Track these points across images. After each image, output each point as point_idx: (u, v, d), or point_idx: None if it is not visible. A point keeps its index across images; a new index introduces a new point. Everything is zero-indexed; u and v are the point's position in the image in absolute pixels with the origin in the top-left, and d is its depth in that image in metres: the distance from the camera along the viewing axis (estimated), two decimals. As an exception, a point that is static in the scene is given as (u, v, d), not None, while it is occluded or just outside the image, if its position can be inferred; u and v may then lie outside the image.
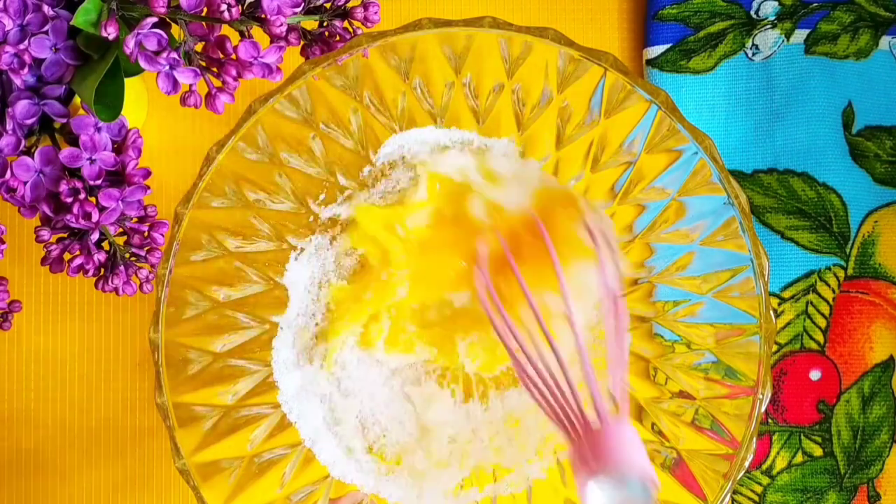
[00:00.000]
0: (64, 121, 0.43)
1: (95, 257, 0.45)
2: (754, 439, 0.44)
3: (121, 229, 0.45)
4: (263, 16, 0.41)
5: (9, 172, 0.42)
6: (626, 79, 0.44)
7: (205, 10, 0.40)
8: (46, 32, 0.42)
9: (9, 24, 0.41)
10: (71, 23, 0.41)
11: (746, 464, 0.44)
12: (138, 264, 0.46)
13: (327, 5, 0.45)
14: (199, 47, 0.42)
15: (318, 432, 0.50)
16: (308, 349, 0.51)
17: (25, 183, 0.43)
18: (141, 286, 0.47)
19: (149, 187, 0.44)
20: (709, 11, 0.56)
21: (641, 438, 0.41)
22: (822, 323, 0.55)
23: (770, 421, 0.55)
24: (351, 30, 0.45)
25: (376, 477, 0.51)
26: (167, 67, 0.40)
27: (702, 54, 0.56)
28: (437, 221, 0.51)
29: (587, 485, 0.39)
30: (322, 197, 0.51)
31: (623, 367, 0.43)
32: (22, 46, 0.41)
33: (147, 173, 0.44)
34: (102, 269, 0.46)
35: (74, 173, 0.43)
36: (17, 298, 0.49)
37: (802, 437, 0.55)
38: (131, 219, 0.45)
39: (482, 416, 0.52)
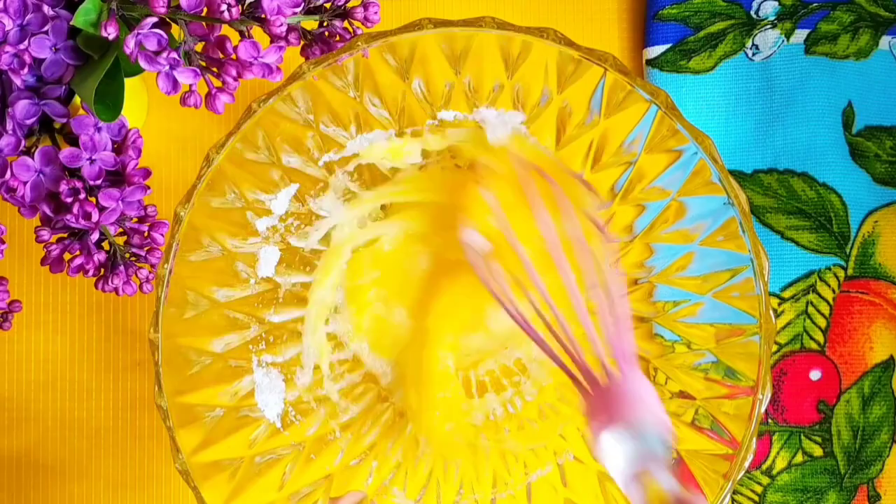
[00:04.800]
0: (64, 121, 0.43)
1: (95, 257, 0.45)
2: (754, 439, 0.44)
3: (121, 229, 0.45)
4: (263, 16, 0.41)
5: (9, 172, 0.42)
6: (626, 79, 0.44)
7: (205, 10, 0.40)
8: (46, 32, 0.42)
9: (9, 24, 0.41)
10: (71, 23, 0.41)
11: (746, 464, 0.44)
12: (138, 264, 0.46)
13: (327, 5, 0.45)
14: (199, 47, 0.42)
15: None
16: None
17: (25, 183, 0.43)
18: (141, 286, 0.47)
19: (149, 187, 0.44)
20: (709, 11, 0.56)
21: (656, 393, 0.41)
22: (822, 323, 0.55)
23: (770, 421, 0.55)
24: (351, 30, 0.45)
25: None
26: (167, 67, 0.40)
27: (702, 54, 0.56)
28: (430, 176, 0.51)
29: (600, 436, 0.39)
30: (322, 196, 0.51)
31: (627, 325, 0.43)
32: (22, 46, 0.41)
33: (147, 173, 0.44)
34: (102, 269, 0.46)
35: (74, 173, 0.43)
36: (17, 298, 0.49)
37: (802, 437, 0.55)
38: (131, 219, 0.45)
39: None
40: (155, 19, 0.40)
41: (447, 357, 0.52)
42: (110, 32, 0.40)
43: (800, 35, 0.56)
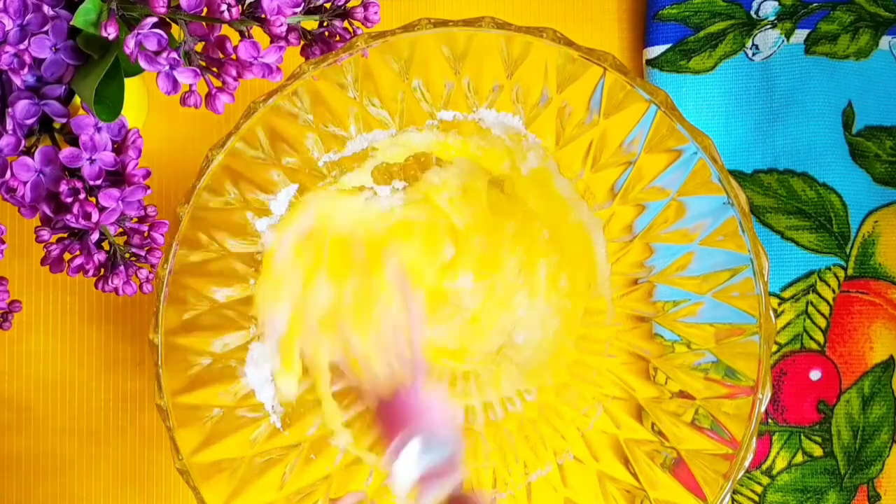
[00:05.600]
0: (64, 121, 0.43)
1: (95, 257, 0.45)
2: (754, 439, 0.44)
3: (121, 229, 0.45)
4: (263, 16, 0.41)
5: (9, 172, 0.42)
6: (626, 79, 0.44)
7: (205, 10, 0.40)
8: (46, 32, 0.42)
9: (9, 24, 0.41)
10: (71, 23, 0.41)
11: (746, 464, 0.44)
12: (138, 264, 0.46)
13: (327, 5, 0.45)
14: (199, 47, 0.42)
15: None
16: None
17: (25, 183, 0.43)
18: (141, 286, 0.47)
19: (149, 187, 0.44)
20: (709, 11, 0.56)
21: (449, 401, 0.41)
22: (822, 323, 0.55)
23: (770, 421, 0.55)
24: (351, 30, 0.45)
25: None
26: (167, 67, 0.40)
27: (702, 54, 0.56)
28: None
29: (395, 453, 0.40)
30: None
31: (418, 331, 0.43)
32: (22, 46, 0.41)
33: (147, 173, 0.44)
34: (102, 269, 0.46)
35: (74, 173, 0.43)
36: (17, 298, 0.49)
37: (802, 437, 0.55)
38: (131, 219, 0.45)
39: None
40: (155, 19, 0.40)
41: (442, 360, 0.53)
42: (110, 32, 0.40)
43: (800, 35, 0.56)
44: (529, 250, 0.52)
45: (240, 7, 0.41)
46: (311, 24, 0.44)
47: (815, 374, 0.55)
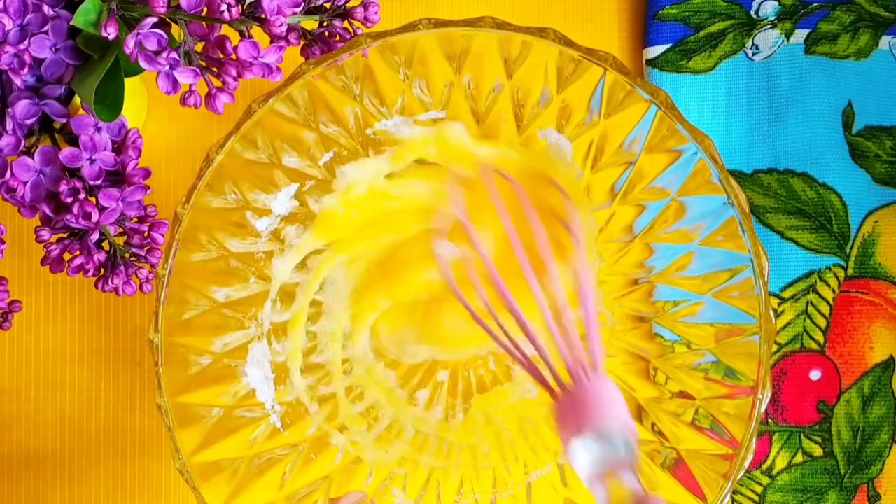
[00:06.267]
0: (64, 121, 0.43)
1: (95, 257, 0.45)
2: (754, 439, 0.44)
3: (121, 229, 0.46)
4: (263, 16, 0.41)
5: (9, 172, 0.42)
6: (626, 79, 0.44)
7: (205, 10, 0.40)
8: (46, 32, 0.42)
9: (9, 24, 0.41)
10: (71, 23, 0.41)
11: (746, 464, 0.44)
12: (138, 264, 0.46)
13: (327, 5, 0.45)
14: (199, 47, 0.42)
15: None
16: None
17: (25, 183, 0.43)
18: (141, 286, 0.47)
19: (149, 187, 0.44)
20: (709, 11, 0.56)
21: (622, 396, 0.41)
22: (822, 323, 0.55)
23: (770, 421, 0.55)
24: (351, 30, 0.45)
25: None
26: (167, 67, 0.40)
27: (702, 54, 0.56)
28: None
29: (570, 445, 0.40)
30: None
31: (595, 326, 0.43)
32: (22, 46, 0.41)
33: (147, 173, 0.44)
34: (102, 269, 0.46)
35: (74, 173, 0.43)
36: (17, 298, 0.49)
37: (802, 437, 0.55)
38: (131, 219, 0.45)
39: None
40: (155, 19, 0.40)
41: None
42: (110, 32, 0.40)
43: (800, 35, 0.56)
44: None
45: (240, 7, 0.41)
46: (311, 24, 0.44)
47: (815, 374, 0.55)
